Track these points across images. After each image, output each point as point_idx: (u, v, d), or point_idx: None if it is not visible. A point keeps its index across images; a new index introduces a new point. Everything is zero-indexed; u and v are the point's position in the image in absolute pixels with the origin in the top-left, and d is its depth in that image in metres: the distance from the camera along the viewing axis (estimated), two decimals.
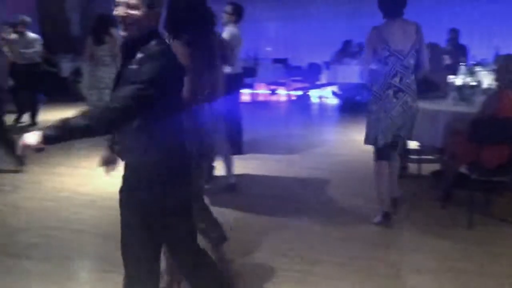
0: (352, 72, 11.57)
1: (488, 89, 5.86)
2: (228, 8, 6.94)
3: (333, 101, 12.94)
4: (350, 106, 12.02)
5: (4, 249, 4.71)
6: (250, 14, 13.68)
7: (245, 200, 5.87)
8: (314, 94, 12.90)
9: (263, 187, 6.42)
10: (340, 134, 9.91)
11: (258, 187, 6.40)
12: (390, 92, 4.91)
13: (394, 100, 4.90)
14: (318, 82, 12.58)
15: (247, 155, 7.62)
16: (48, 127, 2.36)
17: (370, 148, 5.21)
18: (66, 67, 13.43)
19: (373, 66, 4.98)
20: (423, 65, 5.08)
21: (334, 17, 14.30)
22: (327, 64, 12.70)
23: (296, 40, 15.01)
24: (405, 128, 5.04)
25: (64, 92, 13.68)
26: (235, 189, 6.14)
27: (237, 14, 7.06)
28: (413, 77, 4.99)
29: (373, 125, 5.03)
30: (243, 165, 6.94)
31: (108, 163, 3.06)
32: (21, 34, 10.17)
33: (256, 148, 8.19)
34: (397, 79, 4.91)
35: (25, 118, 10.60)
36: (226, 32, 6.55)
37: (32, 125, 10.28)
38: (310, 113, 12.01)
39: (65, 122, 2.37)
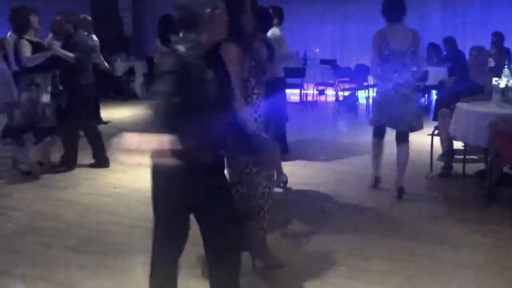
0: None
1: None
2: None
3: None
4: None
5: (60, 243, 4.92)
6: (299, 15, 13.97)
7: (293, 197, 6.07)
8: (362, 95, 12.96)
9: (314, 184, 6.54)
10: (386, 134, 9.94)
11: (306, 187, 6.48)
12: (390, 85, 5.59)
13: (393, 93, 5.66)
14: (365, 83, 12.64)
15: (296, 160, 7.71)
16: None
17: (416, 147, 5.36)
18: (119, 66, 13.77)
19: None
20: (418, 64, 5.86)
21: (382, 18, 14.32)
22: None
23: (344, 41, 15.11)
24: (403, 118, 5.76)
25: (117, 91, 14.10)
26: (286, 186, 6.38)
27: (279, 17, 7.26)
28: (410, 73, 5.76)
29: (375, 111, 6.09)
30: (290, 166, 7.08)
31: None
32: (88, 35, 10.35)
33: (302, 150, 8.32)
34: (396, 75, 5.60)
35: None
36: (270, 35, 6.70)
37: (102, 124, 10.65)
38: (357, 113, 12.07)
39: None
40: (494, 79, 6.55)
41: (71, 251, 4.73)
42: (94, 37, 10.66)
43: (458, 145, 6.71)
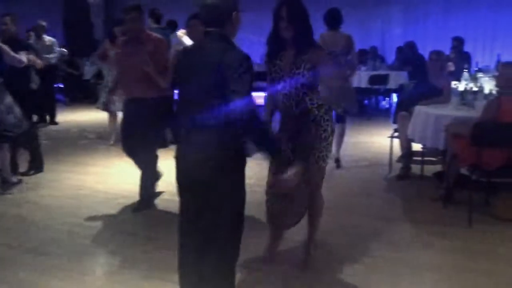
0: (361, 77, 11.85)
1: (490, 94, 6.07)
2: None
3: None
4: (359, 110, 12.24)
5: (23, 245, 4.88)
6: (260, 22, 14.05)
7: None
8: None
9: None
10: (348, 136, 10.11)
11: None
12: None
13: None
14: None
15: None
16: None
17: (376, 149, 5.43)
18: (89, 70, 13.76)
19: None
20: (352, 62, 7.26)
21: (347, 27, 14.64)
22: None
23: None
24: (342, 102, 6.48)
25: (86, 94, 14.05)
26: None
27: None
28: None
29: None
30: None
31: None
32: (38, 38, 10.45)
33: None
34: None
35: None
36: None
37: (53, 125, 10.57)
38: None
39: None
40: (453, 82, 6.73)
41: (32, 253, 4.70)
42: (48, 38, 10.65)
43: (417, 147, 6.86)
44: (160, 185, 5.92)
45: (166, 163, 5.07)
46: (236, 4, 2.96)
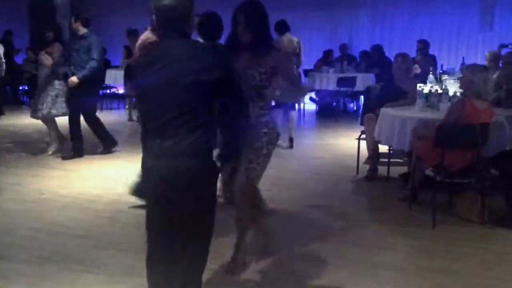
0: (329, 80, 11.92)
1: (453, 96, 6.12)
2: None
3: (311, 106, 13.25)
4: (327, 112, 12.35)
5: None
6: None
7: None
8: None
9: None
10: (316, 138, 10.19)
11: None
12: None
13: None
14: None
15: None
16: None
17: (343, 151, 5.45)
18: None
19: None
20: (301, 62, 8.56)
21: (314, 30, 14.79)
22: (306, 72, 13.03)
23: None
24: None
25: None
26: None
27: None
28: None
29: None
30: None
31: None
32: None
33: None
34: None
35: None
36: None
37: None
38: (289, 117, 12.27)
39: None
40: (418, 84, 6.78)
41: None
42: None
43: (383, 148, 6.90)
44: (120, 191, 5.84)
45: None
46: (192, 6, 2.83)
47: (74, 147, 8.13)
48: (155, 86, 2.74)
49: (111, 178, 6.89)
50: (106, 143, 8.39)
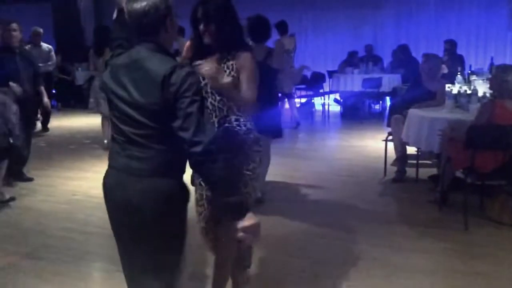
0: (354, 81, 11.88)
1: (483, 97, 6.09)
2: None
3: (336, 108, 13.24)
4: (351, 113, 12.33)
5: (18, 250, 4.90)
6: None
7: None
8: (318, 102, 13.21)
9: (273, 189, 6.53)
10: (341, 140, 10.16)
11: (268, 189, 6.39)
12: None
13: None
14: (321, 90, 12.89)
15: None
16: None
17: (369, 153, 5.44)
18: (80, 75, 13.76)
19: None
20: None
21: (338, 31, 14.76)
22: (330, 73, 13.03)
23: (300, 50, 15.41)
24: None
25: (78, 100, 14.04)
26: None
27: None
28: None
29: None
30: None
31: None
32: (36, 45, 10.33)
33: None
34: None
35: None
36: None
37: (45, 131, 10.53)
38: (314, 119, 12.27)
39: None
40: (447, 85, 6.75)
41: (28, 258, 4.71)
42: (45, 45, 10.60)
43: (411, 150, 6.87)
44: None
45: None
46: (170, 8, 2.53)
47: None
48: (118, 98, 2.53)
49: None
50: None
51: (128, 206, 2.53)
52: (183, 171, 2.59)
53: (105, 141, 8.79)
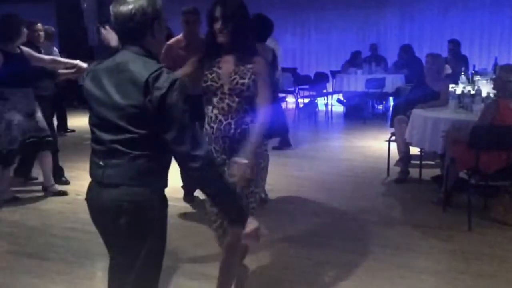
0: (357, 81, 11.87)
1: (487, 97, 6.07)
2: None
3: (339, 108, 13.23)
4: (354, 113, 12.32)
5: (23, 250, 4.91)
6: None
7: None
8: (321, 102, 13.21)
9: (277, 189, 6.50)
10: (344, 140, 10.15)
11: (271, 189, 6.35)
12: None
13: None
14: (324, 90, 12.89)
15: None
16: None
17: (373, 153, 5.43)
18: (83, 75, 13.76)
19: None
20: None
21: (341, 31, 14.76)
22: (333, 74, 13.02)
23: (304, 50, 15.43)
24: None
25: (81, 100, 14.01)
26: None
27: None
28: None
29: None
30: None
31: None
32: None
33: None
34: None
35: None
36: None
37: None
38: (317, 119, 12.26)
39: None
40: (451, 85, 6.72)
41: (33, 258, 4.72)
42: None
43: (414, 150, 6.86)
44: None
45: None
46: (158, 11, 2.43)
47: None
48: (97, 102, 2.47)
49: None
50: None
51: (106, 216, 2.48)
52: (163, 180, 2.51)
53: None
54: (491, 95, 6.01)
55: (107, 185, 2.44)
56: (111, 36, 3.12)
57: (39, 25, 7.05)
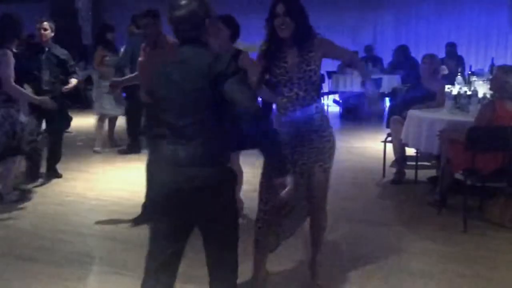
0: (353, 82, 11.82)
1: (483, 98, 6.03)
2: None
3: (335, 109, 13.19)
4: (350, 114, 12.28)
5: (12, 252, 4.83)
6: (260, 28, 14.12)
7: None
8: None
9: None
10: (340, 141, 10.07)
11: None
12: None
13: None
14: (320, 91, 12.87)
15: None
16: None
17: (369, 154, 5.39)
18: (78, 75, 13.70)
19: None
20: None
21: (337, 31, 14.71)
22: (329, 74, 12.97)
23: None
24: None
25: (75, 99, 13.90)
26: None
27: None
28: None
29: None
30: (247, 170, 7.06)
31: None
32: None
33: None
34: None
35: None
36: None
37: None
38: None
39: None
40: (447, 86, 6.69)
41: (24, 260, 4.65)
42: None
43: (410, 151, 6.81)
44: None
45: None
46: (208, 11, 2.78)
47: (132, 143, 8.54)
48: (168, 93, 2.76)
49: (136, 181, 6.84)
50: (133, 144, 8.45)
51: (182, 195, 2.71)
52: (229, 158, 2.85)
53: (97, 148, 8.81)
54: (488, 95, 5.98)
55: (178, 165, 2.70)
56: None
57: (44, 23, 7.03)
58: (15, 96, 5.89)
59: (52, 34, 7.15)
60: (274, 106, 3.89)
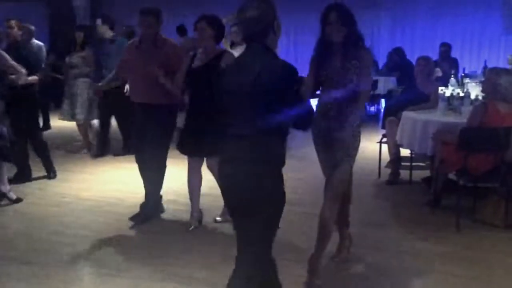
0: None
1: (476, 100, 6.06)
2: (236, 28, 7.24)
3: None
4: None
5: (5, 254, 4.81)
6: None
7: None
8: (313, 104, 13.22)
9: None
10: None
11: None
12: None
13: None
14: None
15: None
16: None
17: (364, 155, 5.43)
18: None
19: None
20: None
21: None
22: None
23: (297, 53, 15.46)
24: None
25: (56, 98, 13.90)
26: None
27: None
28: None
29: None
30: None
31: None
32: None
33: None
34: None
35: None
36: (237, 52, 6.74)
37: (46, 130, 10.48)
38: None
39: None
40: (440, 88, 6.72)
41: (15, 262, 4.64)
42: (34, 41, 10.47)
43: (405, 152, 6.84)
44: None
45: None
46: (275, 12, 2.94)
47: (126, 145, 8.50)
48: (232, 91, 2.93)
49: (131, 182, 6.88)
50: (127, 144, 8.46)
51: (246, 194, 2.92)
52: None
53: (85, 150, 8.78)
54: (480, 97, 6.01)
55: (241, 164, 2.91)
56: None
57: (12, 22, 7.14)
58: None
59: (20, 33, 7.31)
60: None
